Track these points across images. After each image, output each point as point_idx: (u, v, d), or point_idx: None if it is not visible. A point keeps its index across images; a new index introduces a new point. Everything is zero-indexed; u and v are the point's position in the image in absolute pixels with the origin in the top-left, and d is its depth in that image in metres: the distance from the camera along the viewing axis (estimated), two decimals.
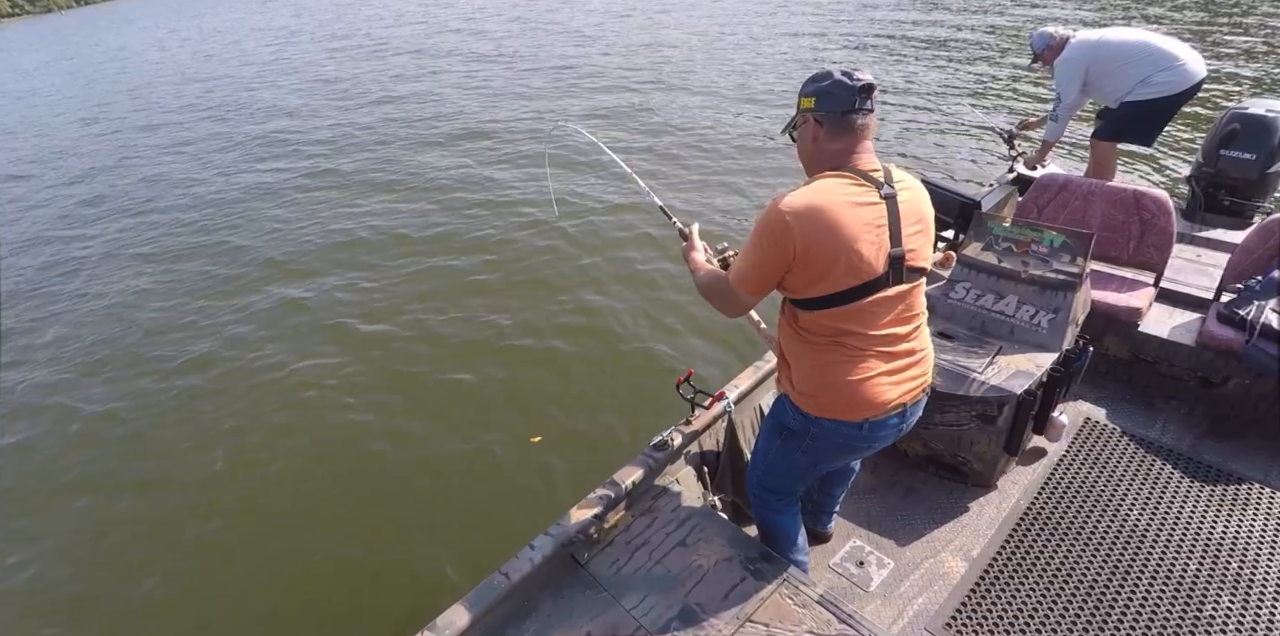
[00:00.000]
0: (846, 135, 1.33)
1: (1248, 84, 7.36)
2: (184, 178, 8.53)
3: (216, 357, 4.54)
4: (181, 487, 3.49)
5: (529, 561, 1.73)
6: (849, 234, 1.28)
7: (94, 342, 4.94)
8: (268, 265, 5.77)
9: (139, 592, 2.94)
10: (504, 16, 19.56)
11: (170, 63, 19.87)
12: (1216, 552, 1.97)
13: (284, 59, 17.34)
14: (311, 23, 25.66)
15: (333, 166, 8.08)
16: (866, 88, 1.29)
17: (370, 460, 3.49)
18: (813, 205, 1.27)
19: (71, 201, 8.25)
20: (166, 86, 15.62)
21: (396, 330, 4.57)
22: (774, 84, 9.50)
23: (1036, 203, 2.82)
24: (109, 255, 6.47)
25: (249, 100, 12.76)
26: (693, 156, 7.04)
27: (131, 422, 4.01)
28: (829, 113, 1.31)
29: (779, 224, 1.28)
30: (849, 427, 1.47)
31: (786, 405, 1.55)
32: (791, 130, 1.42)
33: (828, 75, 1.32)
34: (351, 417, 3.81)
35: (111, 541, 3.23)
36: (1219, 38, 9.28)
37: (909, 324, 1.44)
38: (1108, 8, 12.22)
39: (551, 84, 10.76)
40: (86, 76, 19.88)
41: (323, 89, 12.78)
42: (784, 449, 1.62)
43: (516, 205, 6.25)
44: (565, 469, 3.28)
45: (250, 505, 3.33)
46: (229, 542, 3.13)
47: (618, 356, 4.10)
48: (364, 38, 18.75)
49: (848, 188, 1.31)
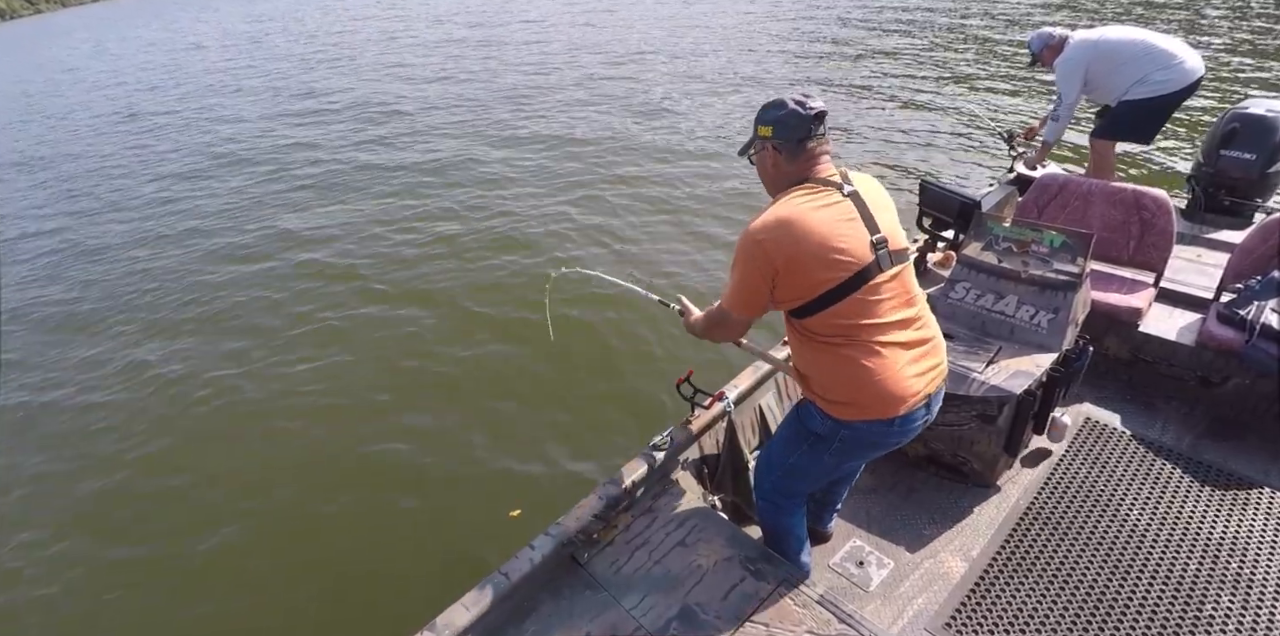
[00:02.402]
0: (802, 157, 1.42)
1: (1248, 83, 7.37)
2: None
3: (214, 358, 4.55)
4: (177, 489, 3.49)
5: (528, 561, 1.73)
6: (822, 233, 1.35)
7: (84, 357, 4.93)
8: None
9: (135, 595, 2.95)
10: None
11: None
12: (1216, 552, 1.97)
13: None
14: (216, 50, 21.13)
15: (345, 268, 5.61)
16: (819, 115, 1.40)
17: (369, 460, 3.49)
18: (779, 220, 1.36)
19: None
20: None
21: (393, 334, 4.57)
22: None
23: (1036, 203, 2.82)
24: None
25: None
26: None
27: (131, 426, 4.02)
28: (785, 140, 1.40)
29: (753, 247, 1.37)
30: (881, 425, 1.48)
31: (813, 411, 1.55)
32: (750, 154, 1.51)
33: (783, 105, 1.40)
34: (347, 415, 3.82)
35: (106, 550, 3.23)
36: (1218, 36, 9.29)
37: (912, 307, 1.47)
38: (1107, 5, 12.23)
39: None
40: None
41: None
42: (811, 453, 1.62)
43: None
44: (565, 469, 3.28)
45: (250, 505, 3.33)
46: (227, 543, 3.13)
47: (617, 357, 4.10)
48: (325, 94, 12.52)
49: (810, 196, 1.40)
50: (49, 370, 4.68)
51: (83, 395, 4.34)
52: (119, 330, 5.08)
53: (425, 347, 4.34)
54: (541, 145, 7.96)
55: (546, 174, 7.05)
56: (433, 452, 3.50)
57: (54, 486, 3.63)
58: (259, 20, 29.89)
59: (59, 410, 4.24)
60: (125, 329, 5.08)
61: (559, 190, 6.61)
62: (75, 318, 5.37)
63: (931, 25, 12.41)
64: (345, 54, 16.90)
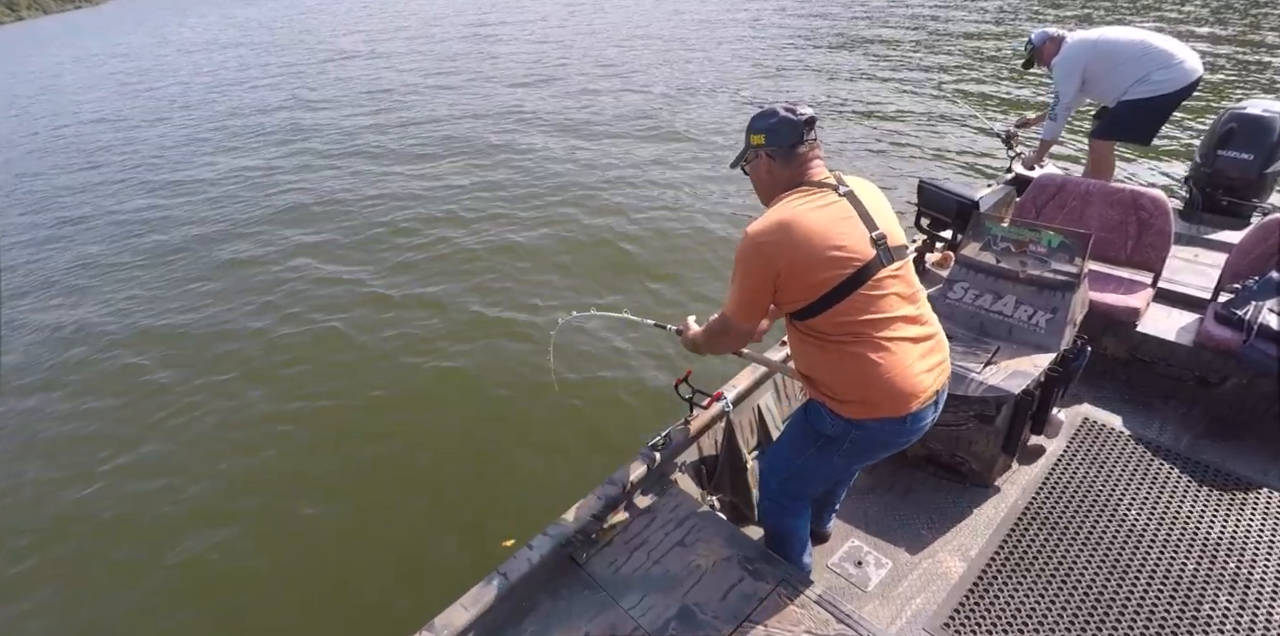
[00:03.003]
0: (795, 162, 1.45)
1: (1247, 83, 7.37)
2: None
3: (215, 358, 4.55)
4: (166, 493, 3.48)
5: (527, 561, 1.73)
6: (822, 233, 1.36)
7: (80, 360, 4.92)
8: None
9: (128, 595, 2.95)
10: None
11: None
12: (1214, 552, 1.98)
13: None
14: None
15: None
16: (810, 121, 1.43)
17: (368, 460, 3.49)
18: (779, 222, 1.37)
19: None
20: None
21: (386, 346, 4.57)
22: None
23: (1035, 203, 2.82)
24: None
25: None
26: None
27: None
28: (779, 147, 1.43)
29: (753, 251, 1.39)
30: (893, 424, 1.48)
31: (822, 412, 1.54)
32: (743, 164, 1.53)
33: (774, 113, 1.44)
34: (344, 413, 3.81)
35: (107, 551, 3.23)
36: (1215, 36, 9.29)
37: (916, 303, 1.48)
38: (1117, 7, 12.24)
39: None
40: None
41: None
42: (820, 455, 1.62)
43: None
44: (563, 469, 3.28)
45: (247, 505, 3.33)
46: (223, 545, 3.13)
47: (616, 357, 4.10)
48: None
49: (806, 198, 1.41)
50: (45, 375, 4.68)
51: (75, 400, 4.34)
52: (113, 335, 5.08)
53: (427, 346, 4.35)
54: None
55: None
56: (432, 452, 3.50)
57: (52, 488, 3.63)
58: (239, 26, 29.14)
59: (53, 415, 4.23)
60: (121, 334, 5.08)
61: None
62: (73, 319, 5.38)
63: (929, 25, 12.41)
64: (339, 56, 16.85)
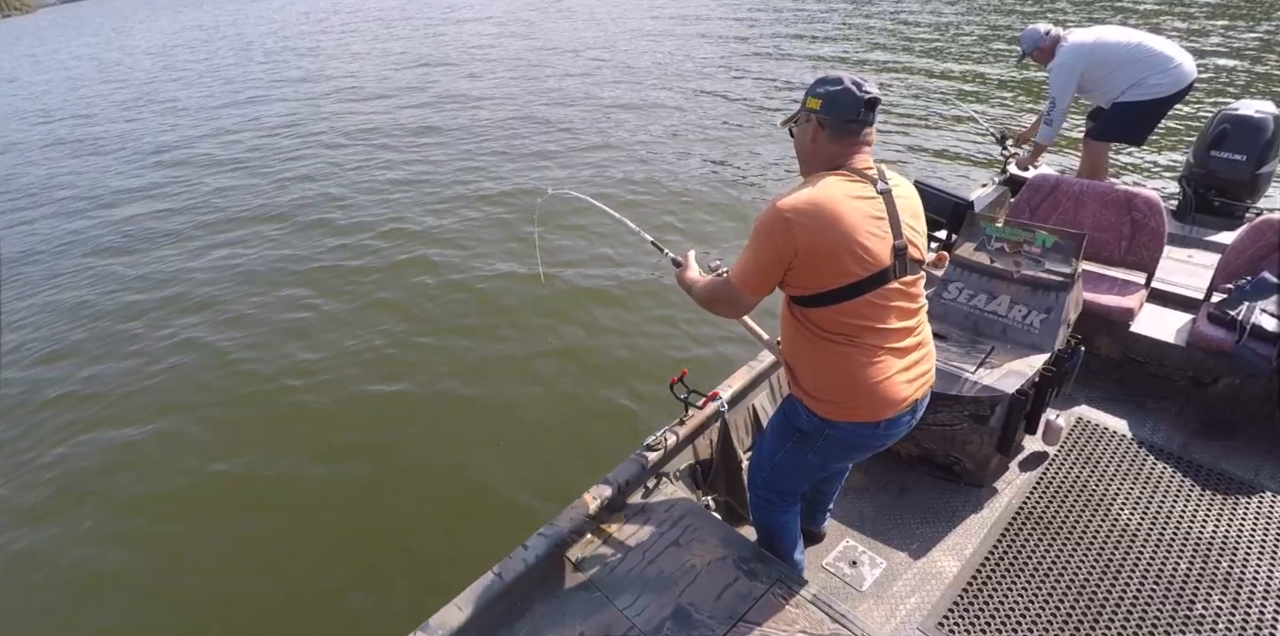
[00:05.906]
0: (845, 140, 1.36)
1: (1240, 85, 7.41)
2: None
3: (212, 360, 4.53)
4: (173, 490, 3.47)
5: (522, 561, 1.73)
6: (850, 225, 1.30)
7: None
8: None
9: (117, 600, 2.94)
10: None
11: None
12: (1207, 552, 1.98)
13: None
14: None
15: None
16: (872, 101, 1.33)
17: (366, 460, 3.48)
18: (811, 201, 1.30)
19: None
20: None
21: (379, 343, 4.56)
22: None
23: (1029, 203, 2.83)
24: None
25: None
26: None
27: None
28: (832, 117, 1.34)
29: (778, 223, 1.30)
30: (866, 428, 1.47)
31: (799, 408, 1.53)
32: (792, 124, 1.44)
33: (839, 81, 1.33)
34: (335, 409, 3.81)
35: (100, 549, 3.22)
36: (1213, 36, 9.34)
37: (914, 318, 1.46)
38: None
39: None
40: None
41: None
42: (795, 450, 1.61)
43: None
44: (563, 469, 3.27)
45: (245, 506, 3.32)
46: (221, 545, 3.12)
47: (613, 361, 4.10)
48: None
49: (845, 184, 1.34)
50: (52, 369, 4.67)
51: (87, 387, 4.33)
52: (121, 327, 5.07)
53: (426, 346, 4.35)
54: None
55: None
56: (429, 452, 3.49)
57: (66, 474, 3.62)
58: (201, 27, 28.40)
59: (64, 402, 4.24)
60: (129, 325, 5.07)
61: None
62: (78, 316, 5.36)
63: (925, 25, 12.44)
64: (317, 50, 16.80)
